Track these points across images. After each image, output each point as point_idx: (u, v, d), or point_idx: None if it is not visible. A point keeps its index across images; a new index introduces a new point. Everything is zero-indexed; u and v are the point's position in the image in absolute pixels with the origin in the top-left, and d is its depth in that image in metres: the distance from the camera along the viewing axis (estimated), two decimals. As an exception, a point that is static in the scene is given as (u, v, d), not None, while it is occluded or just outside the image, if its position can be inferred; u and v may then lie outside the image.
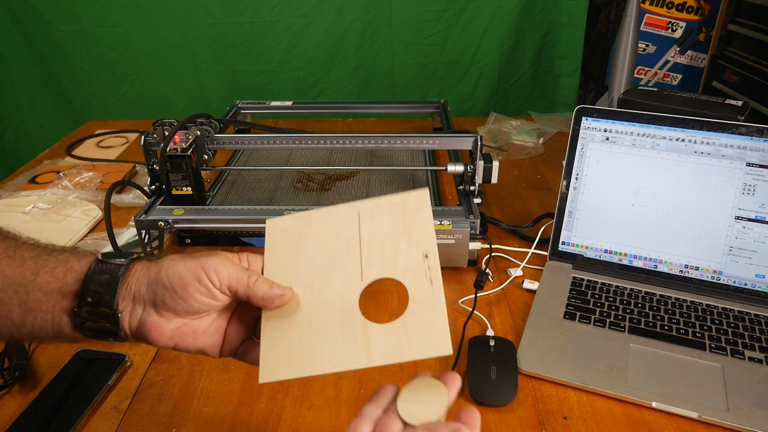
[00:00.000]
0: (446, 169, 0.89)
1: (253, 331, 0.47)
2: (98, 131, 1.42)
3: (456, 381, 0.41)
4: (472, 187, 0.88)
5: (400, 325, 0.42)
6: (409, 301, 0.43)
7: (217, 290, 0.43)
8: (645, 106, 0.88)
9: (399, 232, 0.45)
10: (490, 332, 0.72)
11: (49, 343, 0.70)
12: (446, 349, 0.40)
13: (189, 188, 0.87)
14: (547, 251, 0.85)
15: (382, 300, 0.76)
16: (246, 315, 0.47)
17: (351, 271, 0.45)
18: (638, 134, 0.77)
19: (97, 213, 1.01)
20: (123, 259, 0.44)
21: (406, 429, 0.39)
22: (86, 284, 0.43)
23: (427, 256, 0.44)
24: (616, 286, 0.78)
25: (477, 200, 0.88)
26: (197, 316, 0.44)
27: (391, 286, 0.43)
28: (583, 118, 0.79)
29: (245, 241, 0.91)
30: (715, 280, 0.76)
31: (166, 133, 0.86)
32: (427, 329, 0.41)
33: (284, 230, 0.48)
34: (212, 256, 0.43)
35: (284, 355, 0.43)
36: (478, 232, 0.81)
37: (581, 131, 0.80)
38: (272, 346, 0.44)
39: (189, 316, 0.44)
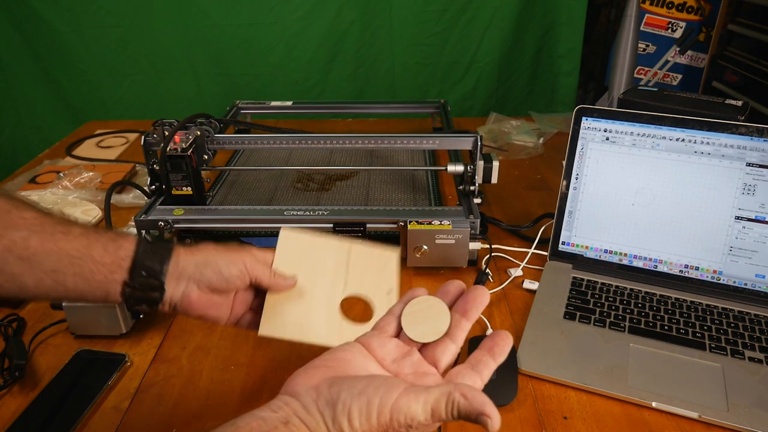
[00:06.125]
0: (446, 169, 0.89)
1: (249, 308, 0.59)
2: (98, 131, 1.42)
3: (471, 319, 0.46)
4: (472, 187, 0.88)
5: (366, 327, 0.54)
6: (374, 316, 0.59)
7: (249, 282, 0.56)
8: (645, 106, 0.88)
9: (374, 270, 0.63)
10: (490, 332, 0.72)
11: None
12: None
13: (189, 188, 0.87)
14: (547, 251, 0.85)
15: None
16: (247, 295, 0.58)
17: (337, 283, 0.61)
18: (638, 134, 0.77)
19: (97, 213, 1.01)
20: (169, 244, 0.55)
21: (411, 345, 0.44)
22: (139, 260, 0.52)
23: (389, 293, 0.61)
24: (616, 286, 0.78)
25: (477, 200, 0.88)
26: (224, 294, 0.56)
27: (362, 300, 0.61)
28: (583, 118, 0.79)
29: (245, 240, 0.91)
30: (715, 280, 0.76)
31: (166, 133, 0.86)
32: None
33: (295, 239, 0.63)
34: (251, 256, 0.56)
35: (281, 320, 0.57)
36: (478, 232, 0.81)
37: (581, 131, 0.80)
38: (273, 311, 0.58)
39: (218, 293, 0.55)
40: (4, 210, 0.50)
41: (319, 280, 0.61)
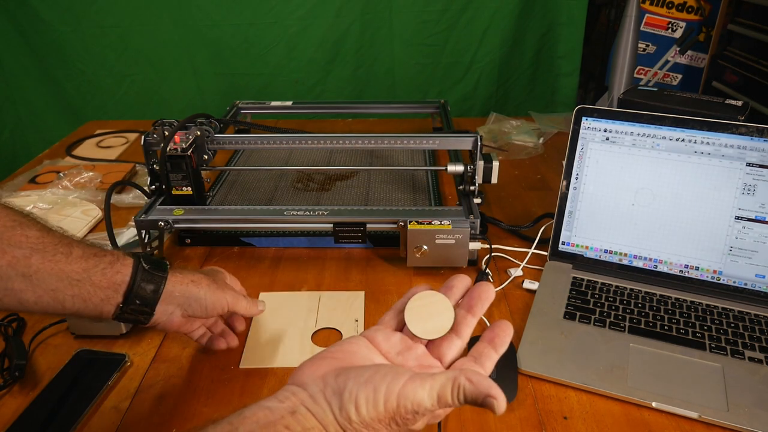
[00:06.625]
0: (446, 169, 0.89)
1: (203, 324, 0.68)
2: (98, 131, 1.41)
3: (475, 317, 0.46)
4: (472, 187, 0.88)
5: None
6: (342, 338, 0.66)
7: (226, 313, 0.65)
8: (645, 106, 0.88)
9: (343, 306, 0.77)
10: (490, 332, 0.71)
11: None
12: None
13: (189, 188, 0.87)
14: (547, 251, 0.85)
15: (382, 301, 0.77)
16: (212, 320, 0.68)
17: (309, 320, 0.74)
18: (638, 134, 0.77)
19: (97, 213, 1.01)
20: (164, 273, 0.58)
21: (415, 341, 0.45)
22: (135, 289, 0.56)
23: (356, 321, 0.74)
24: (616, 286, 0.78)
25: (477, 200, 0.88)
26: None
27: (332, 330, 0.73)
28: (583, 118, 0.79)
29: (245, 241, 0.91)
30: (715, 280, 0.76)
31: (166, 133, 0.86)
32: None
33: (271, 297, 0.79)
34: (232, 294, 0.64)
35: (259, 353, 0.69)
36: (478, 232, 0.81)
37: (581, 131, 0.80)
38: (253, 347, 0.70)
39: (197, 317, 0.63)
40: (8, 227, 0.51)
41: (293, 320, 0.74)
